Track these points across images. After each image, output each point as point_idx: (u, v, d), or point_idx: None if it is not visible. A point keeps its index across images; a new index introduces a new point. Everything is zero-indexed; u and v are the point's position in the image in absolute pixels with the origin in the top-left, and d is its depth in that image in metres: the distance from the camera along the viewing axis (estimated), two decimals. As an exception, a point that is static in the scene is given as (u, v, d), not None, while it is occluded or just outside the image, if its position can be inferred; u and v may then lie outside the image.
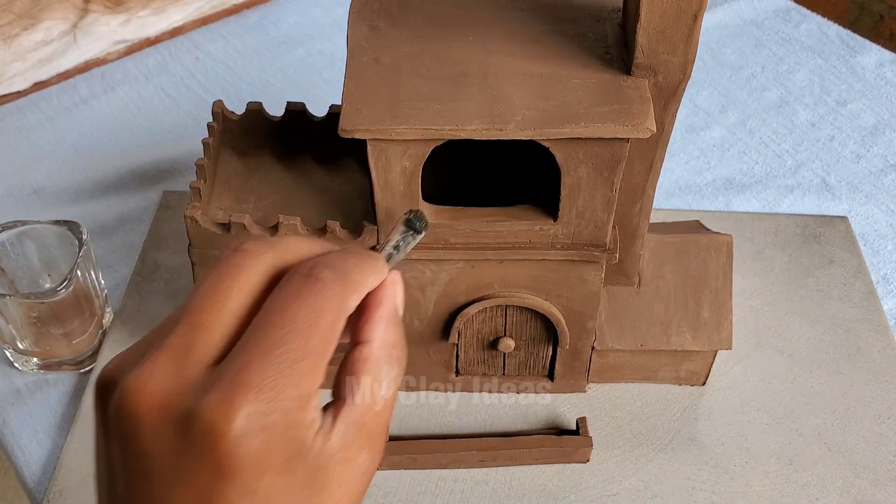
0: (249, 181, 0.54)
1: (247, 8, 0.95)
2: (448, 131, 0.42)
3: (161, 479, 0.26)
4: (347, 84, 0.44)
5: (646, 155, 0.49)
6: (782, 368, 0.61)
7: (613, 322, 0.56)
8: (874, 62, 0.89)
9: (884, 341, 0.63)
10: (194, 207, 0.49)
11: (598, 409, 0.58)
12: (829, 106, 0.84)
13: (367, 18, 0.48)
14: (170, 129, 0.81)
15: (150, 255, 0.67)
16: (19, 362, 0.61)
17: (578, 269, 0.50)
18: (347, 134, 0.42)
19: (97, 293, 0.60)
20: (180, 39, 0.91)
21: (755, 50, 0.90)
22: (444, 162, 0.46)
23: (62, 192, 0.74)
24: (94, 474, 0.29)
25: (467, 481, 0.55)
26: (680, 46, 0.43)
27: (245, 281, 0.28)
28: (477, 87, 0.44)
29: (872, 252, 0.70)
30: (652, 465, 0.55)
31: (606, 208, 0.47)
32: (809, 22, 0.94)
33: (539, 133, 0.42)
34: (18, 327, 0.58)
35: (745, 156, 0.79)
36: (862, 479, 0.55)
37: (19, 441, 0.57)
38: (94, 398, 0.29)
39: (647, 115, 0.42)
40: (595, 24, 0.48)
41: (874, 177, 0.77)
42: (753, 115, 0.83)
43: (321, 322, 0.28)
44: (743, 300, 0.64)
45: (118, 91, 0.85)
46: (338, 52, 0.88)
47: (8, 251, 0.59)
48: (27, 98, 0.84)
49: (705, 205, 0.74)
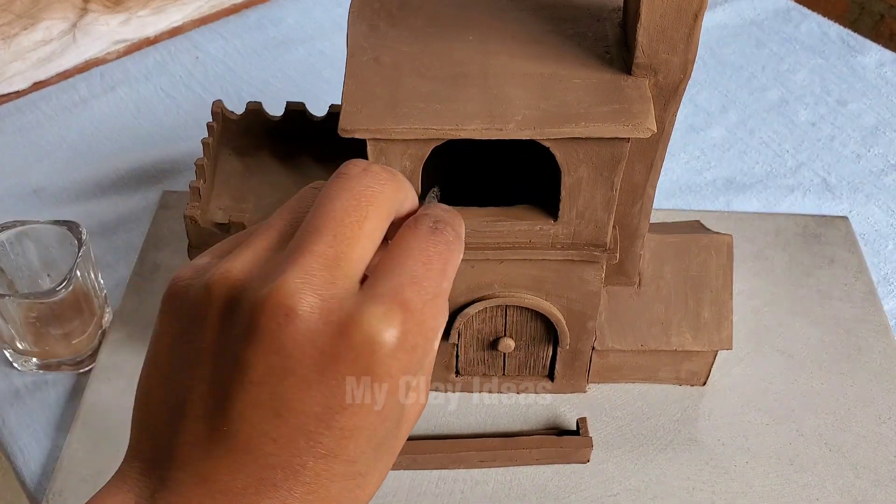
0: (249, 181, 0.54)
1: (246, 8, 0.95)
2: (448, 131, 0.42)
3: (300, 379, 0.27)
4: (347, 84, 0.44)
5: (646, 155, 0.49)
6: (783, 369, 0.61)
7: (614, 322, 0.56)
8: (875, 62, 0.89)
9: (884, 341, 0.62)
10: (194, 207, 0.49)
11: (599, 409, 0.58)
12: (830, 106, 0.84)
13: (367, 18, 0.48)
14: (169, 128, 0.80)
15: (149, 255, 0.67)
16: (18, 362, 0.61)
17: (579, 270, 0.50)
18: (347, 134, 0.42)
19: (96, 293, 0.60)
20: (180, 39, 0.91)
21: (756, 49, 0.90)
22: (444, 162, 0.46)
23: (61, 191, 0.74)
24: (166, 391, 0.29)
25: (467, 481, 0.54)
26: (680, 46, 0.43)
27: (380, 207, 0.29)
28: (477, 87, 0.44)
29: (873, 252, 0.70)
30: (652, 466, 0.55)
31: (607, 208, 0.47)
32: (810, 21, 0.94)
33: (539, 133, 0.42)
34: (18, 327, 0.58)
35: (745, 156, 0.78)
36: (862, 480, 0.55)
37: (18, 441, 0.57)
38: (196, 301, 0.28)
39: (647, 115, 0.42)
40: (595, 23, 0.48)
41: (875, 177, 0.77)
42: (754, 114, 0.83)
43: (448, 270, 0.30)
44: (743, 300, 0.64)
45: (118, 91, 0.84)
46: (338, 52, 0.88)
47: (7, 251, 0.59)
48: (26, 98, 0.84)
49: (706, 205, 0.74)
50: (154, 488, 0.28)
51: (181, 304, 0.29)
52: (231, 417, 0.27)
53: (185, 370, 0.28)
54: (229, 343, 0.27)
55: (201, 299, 0.28)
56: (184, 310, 0.29)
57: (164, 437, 0.28)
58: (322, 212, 0.28)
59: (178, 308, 0.29)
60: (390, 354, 0.27)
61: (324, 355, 0.27)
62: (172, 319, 0.29)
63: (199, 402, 0.27)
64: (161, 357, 0.29)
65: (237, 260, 0.29)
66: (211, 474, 0.27)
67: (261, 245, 0.29)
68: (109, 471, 0.28)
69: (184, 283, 0.29)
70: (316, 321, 0.27)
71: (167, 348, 0.29)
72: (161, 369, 0.29)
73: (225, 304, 0.28)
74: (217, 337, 0.28)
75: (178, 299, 0.29)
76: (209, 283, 0.28)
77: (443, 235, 0.30)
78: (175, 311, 0.29)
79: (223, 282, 0.28)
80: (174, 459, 0.27)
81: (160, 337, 0.29)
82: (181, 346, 0.28)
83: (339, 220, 0.28)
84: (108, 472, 0.55)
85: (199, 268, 0.29)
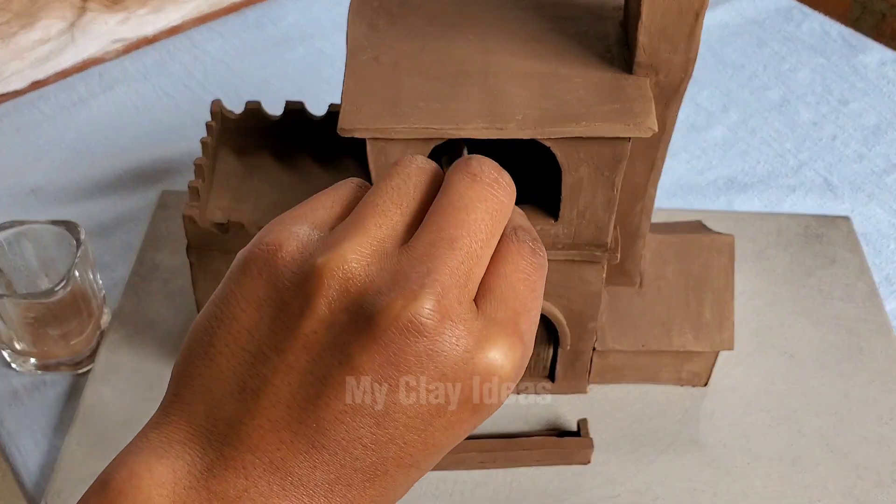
0: (248, 181, 0.53)
1: (245, 6, 0.95)
2: (448, 130, 0.42)
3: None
4: (347, 83, 0.43)
5: (647, 154, 0.48)
6: (784, 369, 0.60)
7: (615, 323, 0.55)
8: (876, 61, 0.89)
9: (886, 342, 0.62)
10: (192, 207, 0.49)
11: (600, 410, 0.58)
12: (832, 105, 0.84)
13: (366, 17, 0.47)
14: (168, 128, 0.80)
15: (148, 255, 0.67)
16: (17, 363, 0.60)
17: (579, 270, 0.50)
18: (347, 133, 0.42)
19: (95, 293, 0.60)
20: (179, 38, 0.90)
21: (757, 49, 0.90)
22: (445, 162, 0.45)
23: (60, 191, 0.74)
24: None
25: (468, 483, 0.54)
26: (681, 45, 0.43)
27: (504, 223, 0.29)
28: (477, 86, 0.43)
29: (875, 252, 0.70)
30: (653, 467, 0.55)
31: (608, 208, 0.46)
32: (811, 21, 0.94)
33: (540, 132, 0.42)
34: (16, 328, 0.57)
35: (746, 155, 0.78)
36: (864, 481, 0.55)
37: (17, 442, 0.57)
38: (301, 280, 0.27)
39: (648, 115, 0.42)
40: (596, 22, 0.47)
41: (876, 176, 0.76)
42: (755, 114, 0.82)
43: (542, 294, 0.30)
44: (745, 300, 0.64)
45: (116, 90, 0.84)
46: (337, 51, 0.87)
47: (5, 251, 0.58)
48: (25, 97, 0.84)
49: (707, 204, 0.74)
50: (211, 462, 0.26)
51: (279, 275, 0.27)
52: (324, 417, 0.26)
53: (273, 350, 0.27)
54: (339, 340, 0.26)
55: (309, 282, 0.27)
56: (282, 283, 0.27)
57: (229, 411, 0.27)
58: (458, 221, 0.28)
59: (274, 278, 0.27)
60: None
61: (444, 377, 0.26)
62: (264, 287, 0.27)
63: (285, 389, 0.26)
64: (239, 322, 0.27)
65: (352, 247, 0.27)
66: (285, 465, 0.26)
67: (375, 234, 0.28)
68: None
69: (287, 254, 0.27)
70: (442, 342, 0.26)
71: (249, 317, 0.27)
72: (236, 337, 0.27)
73: (340, 298, 0.26)
74: (324, 329, 0.26)
75: (275, 269, 0.27)
76: (322, 267, 0.27)
77: (541, 258, 0.30)
78: (269, 280, 0.27)
79: (340, 272, 0.27)
80: (242, 441, 0.26)
81: (241, 299, 0.27)
82: (271, 321, 0.27)
83: (474, 236, 0.28)
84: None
85: (304, 241, 0.28)
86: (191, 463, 0.26)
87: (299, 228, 0.28)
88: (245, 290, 0.27)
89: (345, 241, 0.27)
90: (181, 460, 0.26)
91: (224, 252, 0.50)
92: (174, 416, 0.27)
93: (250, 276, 0.28)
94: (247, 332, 0.27)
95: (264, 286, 0.27)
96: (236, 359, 0.27)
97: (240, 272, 0.28)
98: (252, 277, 0.28)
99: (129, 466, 0.26)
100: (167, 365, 0.59)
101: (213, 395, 0.27)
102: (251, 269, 0.28)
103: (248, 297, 0.27)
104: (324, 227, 0.29)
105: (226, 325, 0.27)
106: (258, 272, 0.27)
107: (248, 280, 0.28)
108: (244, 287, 0.28)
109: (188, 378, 0.28)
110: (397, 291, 0.26)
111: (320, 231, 0.28)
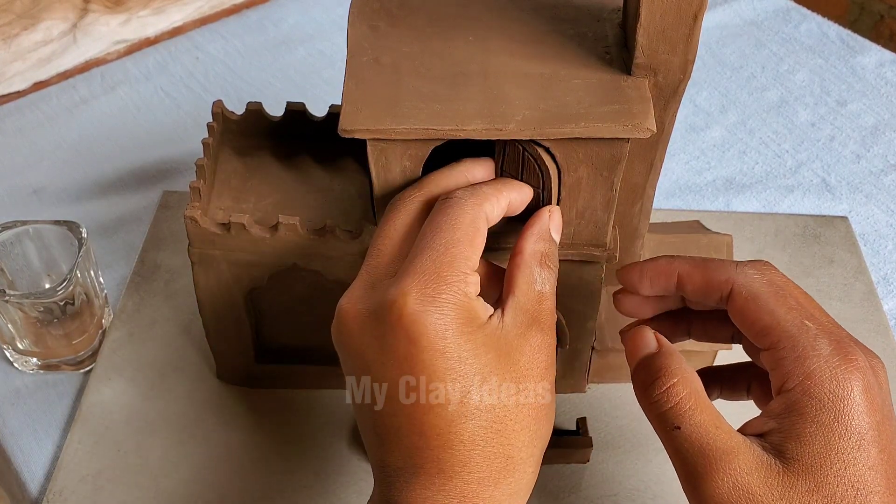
0: (249, 181, 0.54)
1: (247, 8, 0.95)
2: (448, 131, 0.42)
3: (372, 363, 0.36)
4: (347, 84, 0.44)
5: (646, 155, 0.49)
6: (782, 369, 0.61)
7: (613, 322, 0.56)
8: (874, 62, 0.89)
9: (884, 341, 0.62)
10: (194, 207, 0.49)
11: (598, 409, 0.58)
12: (830, 106, 0.84)
13: (367, 18, 0.48)
14: (169, 129, 0.81)
15: (149, 256, 0.67)
16: (19, 362, 0.61)
17: (578, 269, 0.50)
18: (347, 134, 0.42)
19: (97, 293, 0.60)
20: (180, 39, 0.91)
21: (755, 50, 0.90)
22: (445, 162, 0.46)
23: (62, 192, 0.74)
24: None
25: (467, 481, 0.54)
26: (680, 46, 0.43)
27: (404, 216, 0.41)
28: (477, 87, 0.44)
29: (872, 252, 0.70)
30: (652, 466, 0.55)
31: (606, 208, 0.47)
32: (809, 22, 0.94)
33: (539, 133, 0.42)
34: (18, 327, 0.58)
35: (745, 156, 0.79)
36: (862, 480, 0.55)
37: (19, 441, 0.57)
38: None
39: (647, 115, 0.42)
40: (595, 23, 0.48)
41: (874, 177, 0.77)
42: (753, 115, 0.83)
43: (461, 220, 0.38)
44: (743, 300, 0.64)
45: (118, 91, 0.85)
46: (338, 52, 0.88)
47: (8, 251, 0.59)
48: (27, 98, 0.84)
49: (705, 205, 0.74)
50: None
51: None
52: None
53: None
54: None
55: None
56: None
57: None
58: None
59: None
60: (414, 313, 0.35)
61: (377, 338, 0.36)
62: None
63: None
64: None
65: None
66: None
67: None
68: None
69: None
70: (355, 322, 0.38)
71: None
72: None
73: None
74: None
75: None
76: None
77: (451, 201, 0.39)
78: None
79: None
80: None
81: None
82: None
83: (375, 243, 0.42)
84: (108, 471, 0.55)
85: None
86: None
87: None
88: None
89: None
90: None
91: (225, 252, 0.50)
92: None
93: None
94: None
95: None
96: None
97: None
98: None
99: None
100: (168, 364, 0.59)
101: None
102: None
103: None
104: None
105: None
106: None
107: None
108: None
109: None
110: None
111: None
